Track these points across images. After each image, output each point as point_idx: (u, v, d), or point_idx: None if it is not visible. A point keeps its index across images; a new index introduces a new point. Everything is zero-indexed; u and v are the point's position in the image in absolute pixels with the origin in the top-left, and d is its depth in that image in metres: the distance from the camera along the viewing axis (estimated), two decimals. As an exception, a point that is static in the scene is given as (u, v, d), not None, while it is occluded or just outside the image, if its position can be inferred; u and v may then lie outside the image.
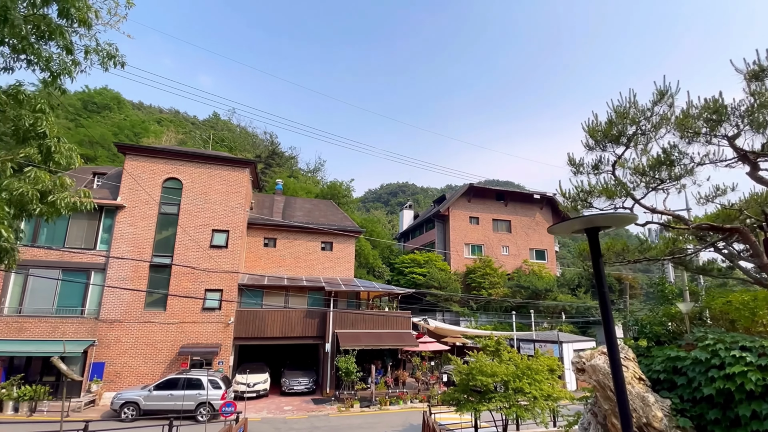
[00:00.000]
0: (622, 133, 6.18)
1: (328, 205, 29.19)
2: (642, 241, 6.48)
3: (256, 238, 24.13)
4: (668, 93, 6.02)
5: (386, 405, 19.36)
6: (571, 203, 6.00)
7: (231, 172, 21.66)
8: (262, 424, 16.45)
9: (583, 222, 3.05)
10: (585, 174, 6.39)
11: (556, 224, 3.22)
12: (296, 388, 20.88)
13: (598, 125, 6.37)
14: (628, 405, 2.78)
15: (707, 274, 11.00)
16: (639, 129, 6.10)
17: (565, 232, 3.33)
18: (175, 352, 19.11)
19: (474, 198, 40.76)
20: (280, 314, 21.23)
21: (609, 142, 6.16)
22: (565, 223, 3.13)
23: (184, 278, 19.87)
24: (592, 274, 16.52)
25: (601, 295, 3.05)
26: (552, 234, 3.16)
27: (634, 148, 6.11)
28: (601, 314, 3.06)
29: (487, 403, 13.53)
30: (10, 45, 7.20)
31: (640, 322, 6.03)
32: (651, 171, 5.51)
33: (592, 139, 6.09)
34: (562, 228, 3.23)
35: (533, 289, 35.48)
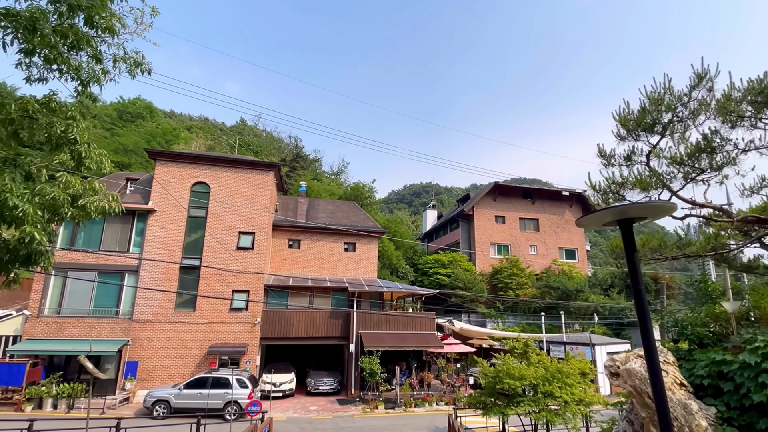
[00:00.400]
0: (657, 121, 5.78)
1: (351, 206, 29.28)
2: (680, 236, 6.01)
3: (280, 240, 24.47)
4: (707, 76, 5.58)
5: (411, 407, 19.14)
6: (602, 196, 5.64)
7: (256, 175, 22.05)
8: (287, 423, 16.58)
9: (616, 213, 2.80)
10: (616, 166, 6.01)
11: (585, 216, 2.98)
12: (321, 389, 20.97)
13: (630, 113, 5.99)
14: (668, 413, 2.51)
15: (752, 272, 10.24)
16: (675, 116, 5.68)
17: (595, 224, 3.07)
18: (204, 351, 19.58)
19: (499, 196, 39.88)
20: (305, 315, 21.39)
21: (642, 131, 5.77)
22: (595, 214, 2.88)
23: (212, 279, 20.35)
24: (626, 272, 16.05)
25: (637, 293, 2.79)
26: (581, 227, 2.95)
27: (671, 137, 5.69)
28: (636, 314, 2.80)
29: (515, 407, 13.10)
30: (42, 55, 7.44)
31: (681, 323, 5.58)
32: (690, 160, 5.09)
33: (624, 128, 5.71)
34: (593, 220, 2.98)
35: (563, 290, 34.32)
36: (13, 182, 7.05)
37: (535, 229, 40.83)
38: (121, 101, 64.20)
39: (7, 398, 16.97)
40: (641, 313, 2.71)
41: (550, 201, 41.53)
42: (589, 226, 3.20)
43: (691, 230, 10.60)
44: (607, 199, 5.62)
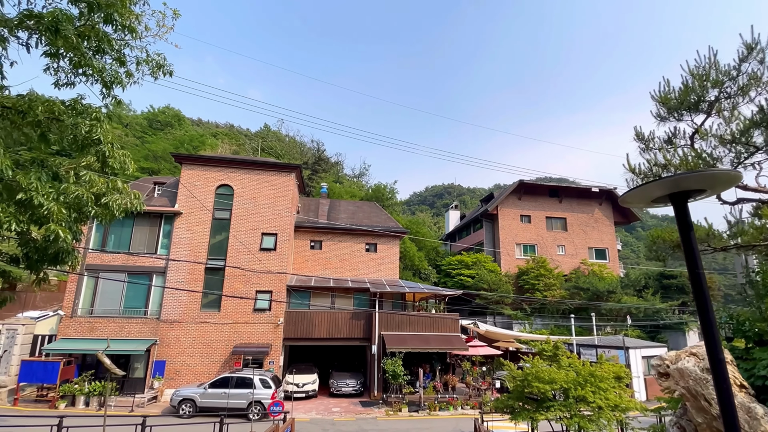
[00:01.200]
0: (702, 99, 5.27)
1: (372, 206, 29.13)
2: (732, 223, 5.44)
3: (302, 241, 24.54)
4: (758, 47, 5.04)
5: (435, 410, 18.69)
6: (642, 180, 5.15)
7: (278, 177, 22.21)
8: (310, 424, 16.47)
9: (668, 185, 2.41)
10: (656, 149, 5.51)
11: (631, 190, 2.60)
12: (344, 390, 20.80)
13: (671, 92, 5.49)
14: (736, 418, 2.14)
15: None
16: (723, 92, 5.16)
17: (642, 201, 2.70)
18: (229, 351, 19.77)
19: (525, 195, 38.79)
20: (327, 315, 21.31)
21: (685, 110, 5.26)
22: (643, 187, 2.50)
23: (236, 280, 20.57)
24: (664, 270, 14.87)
25: (696, 279, 2.40)
26: (626, 204, 2.57)
27: (717, 115, 5.17)
28: (696, 303, 2.42)
29: (545, 412, 12.49)
30: (68, 58, 7.55)
31: (736, 318, 5.03)
32: (742, 137, 4.57)
33: (665, 107, 5.23)
34: (639, 195, 2.60)
35: (594, 291, 32.96)
36: (39, 181, 7.15)
37: (562, 228, 39.51)
38: (151, 110, 66.63)
39: (42, 395, 17.61)
40: (702, 302, 2.33)
41: (578, 199, 40.09)
42: (634, 204, 2.82)
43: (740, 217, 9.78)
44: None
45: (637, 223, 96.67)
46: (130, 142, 53.82)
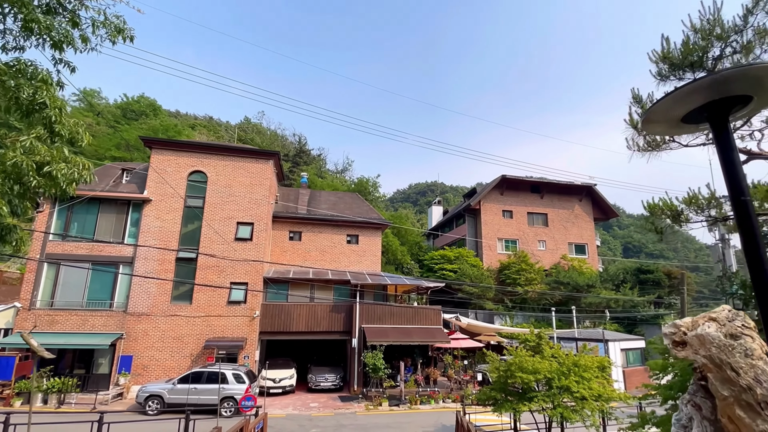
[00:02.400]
0: (705, 55, 4.85)
1: (354, 197, 28.43)
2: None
3: (281, 232, 23.68)
4: (765, 0, 4.66)
5: (416, 404, 18.26)
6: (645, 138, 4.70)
7: (255, 164, 21.30)
8: (286, 420, 15.78)
9: (706, 87, 1.91)
10: None
11: (658, 102, 2.08)
12: (323, 385, 20.15)
13: (673, 49, 5.07)
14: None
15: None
16: (729, 46, 4.75)
17: (667, 122, 2.18)
18: (201, 345, 18.85)
19: (507, 190, 38.84)
20: (306, 308, 20.58)
21: (687, 67, 4.85)
22: (675, 95, 1.99)
23: (209, 271, 19.62)
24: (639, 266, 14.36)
25: (743, 206, 1.91)
26: (648, 128, 2.08)
27: (722, 72, 4.76)
28: (740, 231, 1.94)
29: (528, 403, 12.17)
30: (12, 14, 6.72)
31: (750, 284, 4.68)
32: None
33: (666, 64, 4.80)
34: (668, 109, 2.08)
35: (574, 285, 33.23)
36: (-31, 148, 6.29)
37: (543, 223, 39.79)
38: (125, 99, 64.06)
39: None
40: (749, 227, 1.84)
41: (559, 195, 40.42)
42: (658, 128, 2.31)
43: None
44: (654, 139, 4.68)
45: (614, 222, 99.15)
46: (101, 131, 51.52)
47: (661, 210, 5.26)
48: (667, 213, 5.19)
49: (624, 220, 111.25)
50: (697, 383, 3.56)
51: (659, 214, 5.32)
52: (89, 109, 57.21)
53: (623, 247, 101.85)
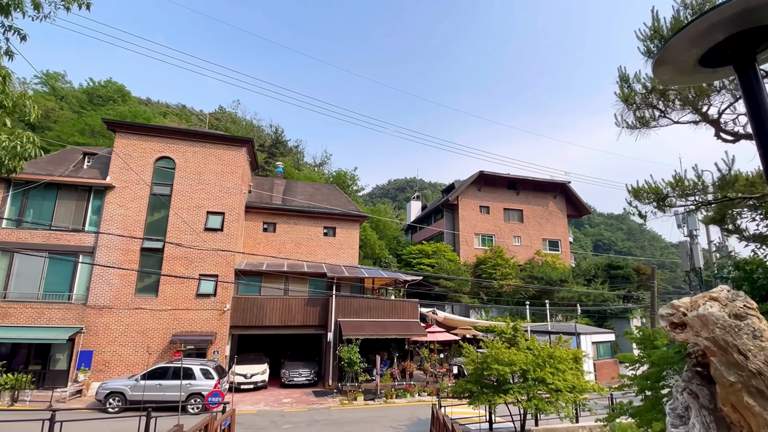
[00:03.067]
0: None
1: (331, 189, 27.84)
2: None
3: (254, 223, 22.89)
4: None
5: (392, 398, 18.03)
6: (635, 113, 4.49)
7: (226, 151, 20.42)
8: (257, 417, 15.25)
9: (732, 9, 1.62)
10: (643, 93, 4.87)
11: (676, 34, 1.78)
12: (296, 380, 19.65)
13: (660, 27, 4.86)
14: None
15: None
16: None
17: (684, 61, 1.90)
18: (167, 340, 17.99)
19: (484, 186, 39.15)
20: (280, 302, 19.97)
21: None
22: (694, 25, 1.70)
23: (177, 263, 18.72)
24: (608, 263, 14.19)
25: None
26: (661, 68, 1.85)
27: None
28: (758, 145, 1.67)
29: (504, 396, 12.12)
30: None
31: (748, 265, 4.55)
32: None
33: (656, 39, 4.59)
34: (686, 44, 1.80)
35: (547, 280, 33.87)
36: None
37: (519, 220, 40.39)
38: (91, 83, 60.83)
39: (-62, 391, 15.07)
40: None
41: (534, 192, 41.10)
42: (672, 70, 2.01)
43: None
44: (643, 115, 4.46)
45: (585, 220, 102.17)
46: (64, 116, 48.74)
47: (646, 193, 5.10)
48: (651, 197, 5.03)
49: (595, 218, 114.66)
50: (693, 370, 3.35)
51: (644, 197, 5.16)
52: (52, 93, 53.98)
53: (594, 245, 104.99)
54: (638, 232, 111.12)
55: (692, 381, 3.17)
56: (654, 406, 7.05)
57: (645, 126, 4.33)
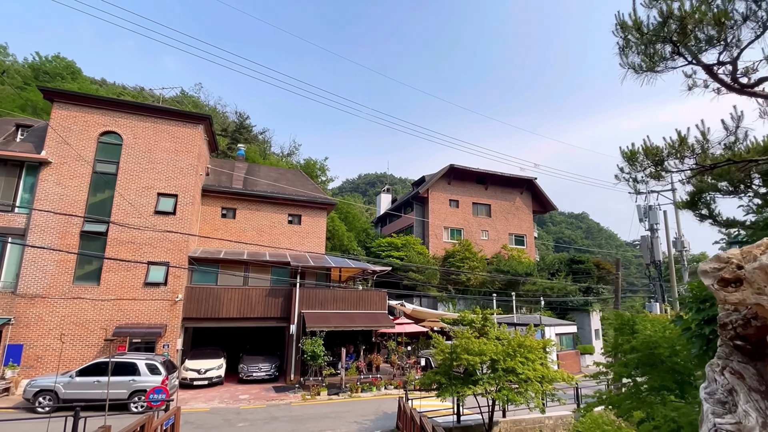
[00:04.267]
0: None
1: (298, 175, 26.53)
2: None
3: (212, 208, 21.33)
4: None
5: (357, 392, 17.28)
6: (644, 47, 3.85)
7: (181, 128, 18.76)
8: (210, 415, 14.05)
9: None
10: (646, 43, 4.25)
11: None
12: (255, 375, 18.48)
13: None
14: None
15: None
16: None
17: None
18: (110, 333, 16.31)
19: (454, 180, 39.14)
20: (239, 292, 18.68)
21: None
22: None
23: (122, 248, 17.02)
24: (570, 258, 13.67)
25: None
26: None
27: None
28: None
29: (473, 387, 11.63)
30: None
31: None
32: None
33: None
34: None
35: (513, 274, 34.25)
36: None
37: (487, 214, 40.75)
38: (37, 58, 55.72)
39: None
40: None
41: (502, 187, 41.62)
42: None
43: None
44: (650, 54, 3.83)
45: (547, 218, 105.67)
46: (5, 92, 44.31)
47: (642, 156, 4.55)
48: (647, 161, 4.49)
49: (557, 217, 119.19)
50: (730, 344, 2.69)
51: (639, 162, 4.62)
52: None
53: (555, 242, 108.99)
54: (596, 230, 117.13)
55: (731, 358, 2.47)
56: (634, 394, 6.65)
57: (652, 70, 3.75)
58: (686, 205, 10.16)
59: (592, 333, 33.72)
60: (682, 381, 6.46)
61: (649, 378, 6.68)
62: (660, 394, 6.57)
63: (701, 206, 10.03)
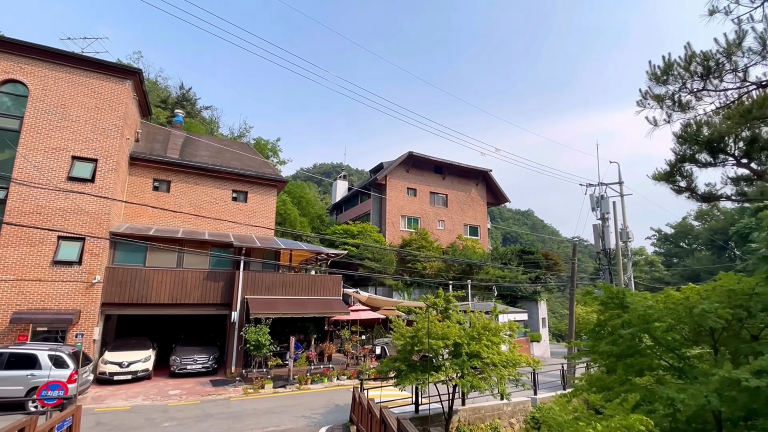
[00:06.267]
0: None
1: (244, 148, 24.08)
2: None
3: (142, 179, 18.62)
4: None
5: (307, 384, 15.83)
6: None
7: (104, 83, 15.99)
8: (130, 414, 11.99)
9: None
10: None
11: None
12: (190, 368, 16.41)
13: None
14: None
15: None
16: None
17: None
18: (8, 320, 13.56)
19: (412, 168, 38.55)
20: (172, 275, 16.41)
21: None
22: None
23: (25, 219, 14.16)
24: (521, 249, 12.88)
25: None
26: None
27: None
28: None
29: (436, 373, 10.67)
30: None
31: None
32: None
33: None
34: None
35: (468, 263, 34.32)
36: None
37: (443, 204, 40.75)
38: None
39: None
40: None
41: (459, 178, 41.83)
42: None
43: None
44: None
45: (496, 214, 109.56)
46: None
47: (686, 63, 3.59)
48: (695, 69, 3.54)
49: (506, 213, 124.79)
50: None
51: (682, 73, 3.65)
52: None
53: (503, 237, 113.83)
54: (540, 227, 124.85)
55: None
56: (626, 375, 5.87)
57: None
58: (663, 177, 9.66)
59: (540, 321, 34.62)
60: (680, 359, 5.76)
61: (639, 357, 5.93)
62: (655, 374, 5.84)
63: (679, 178, 9.56)
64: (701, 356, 6.24)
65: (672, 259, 60.98)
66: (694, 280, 41.89)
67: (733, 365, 5.25)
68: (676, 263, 58.77)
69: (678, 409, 5.26)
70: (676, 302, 5.43)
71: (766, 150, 8.28)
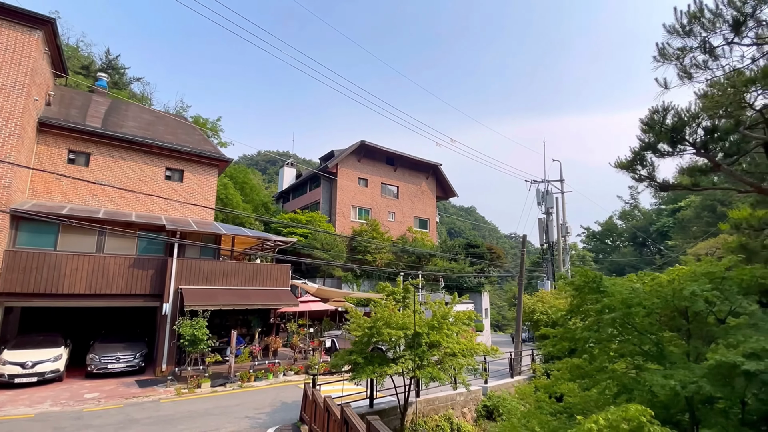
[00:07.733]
0: None
1: (180, 121, 21.63)
2: None
3: (53, 149, 15.87)
4: None
5: (250, 381, 14.55)
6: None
7: (6, 30, 13.28)
8: (34, 422, 10.10)
9: None
10: None
11: None
12: (112, 367, 14.39)
13: None
14: None
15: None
16: None
17: None
18: None
19: (364, 158, 37.86)
20: (90, 261, 14.19)
21: None
22: None
23: None
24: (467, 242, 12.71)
25: None
26: None
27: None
28: None
29: (395, 365, 10.05)
30: None
31: None
32: None
33: None
34: None
35: (418, 255, 34.52)
36: None
37: (395, 196, 40.68)
38: None
39: None
40: None
41: (410, 170, 41.97)
42: None
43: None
44: None
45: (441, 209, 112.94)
46: None
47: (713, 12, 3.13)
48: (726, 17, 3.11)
49: (450, 209, 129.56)
50: None
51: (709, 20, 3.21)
52: None
53: (448, 231, 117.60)
54: (481, 223, 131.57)
55: None
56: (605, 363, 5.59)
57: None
58: (625, 165, 9.73)
59: (483, 312, 35.72)
60: (656, 344, 5.58)
61: (621, 343, 5.70)
62: (634, 360, 5.61)
63: (640, 167, 9.66)
64: (670, 340, 6.17)
65: (599, 254, 66.20)
66: (620, 273, 45.72)
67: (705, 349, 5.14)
68: (602, 258, 63.88)
69: (656, 396, 5.06)
70: (663, 284, 5.21)
71: (724, 140, 8.57)
